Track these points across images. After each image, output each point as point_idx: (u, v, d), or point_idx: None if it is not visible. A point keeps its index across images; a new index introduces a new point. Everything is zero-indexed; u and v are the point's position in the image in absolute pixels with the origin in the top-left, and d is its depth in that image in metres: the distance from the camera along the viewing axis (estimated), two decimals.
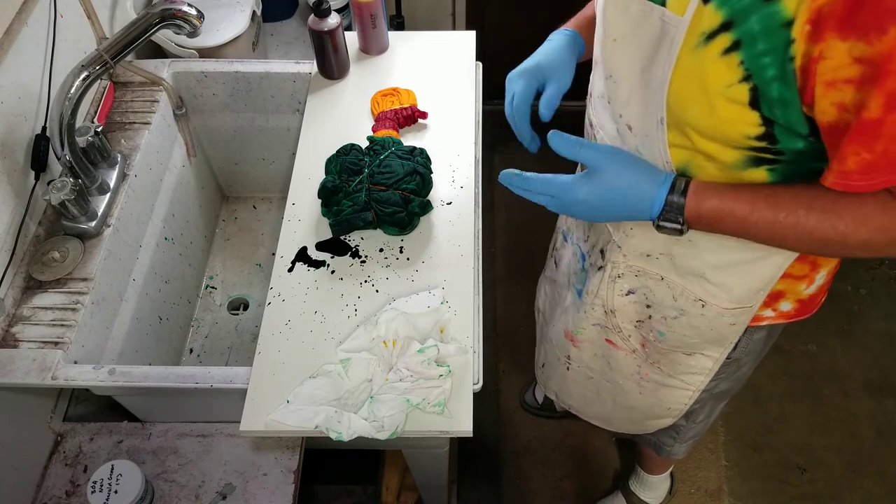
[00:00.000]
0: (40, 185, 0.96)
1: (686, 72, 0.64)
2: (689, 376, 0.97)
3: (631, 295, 0.91)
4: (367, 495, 1.21)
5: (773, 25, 0.56)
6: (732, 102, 0.62)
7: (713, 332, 0.88)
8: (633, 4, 0.67)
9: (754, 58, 0.59)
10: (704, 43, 0.61)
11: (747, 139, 0.65)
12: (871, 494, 1.64)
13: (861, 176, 0.59)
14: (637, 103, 0.72)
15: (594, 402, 1.16)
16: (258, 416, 0.80)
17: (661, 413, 1.08)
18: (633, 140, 0.75)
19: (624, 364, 1.02)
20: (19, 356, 0.86)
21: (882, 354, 1.84)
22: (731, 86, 0.61)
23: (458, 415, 0.80)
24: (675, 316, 0.88)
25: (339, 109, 1.10)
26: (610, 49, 0.74)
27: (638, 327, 0.95)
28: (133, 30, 0.92)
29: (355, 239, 0.96)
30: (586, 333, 1.02)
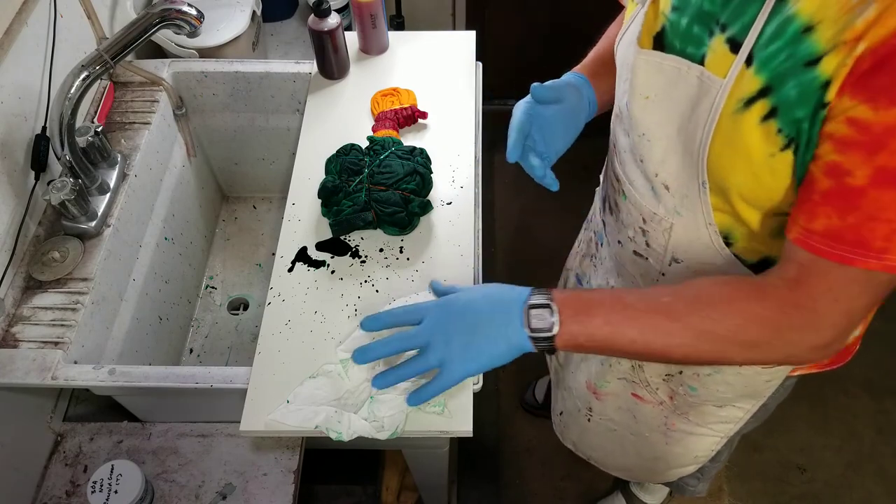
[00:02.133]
0: (40, 185, 0.96)
1: (726, 137, 0.60)
2: (719, 425, 0.94)
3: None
4: (367, 495, 1.21)
5: (810, 91, 0.54)
6: (774, 173, 0.59)
7: (748, 388, 0.85)
8: (668, 62, 0.64)
9: (793, 124, 0.56)
10: (743, 109, 0.58)
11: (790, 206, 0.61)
12: (871, 494, 1.64)
13: (823, 240, 0.55)
14: (674, 163, 0.68)
15: (617, 454, 1.12)
16: (258, 416, 0.80)
17: (687, 461, 1.05)
18: (671, 200, 0.71)
19: (650, 416, 0.98)
20: (19, 356, 0.86)
21: (882, 354, 1.84)
22: (774, 155, 0.58)
23: (458, 415, 0.80)
24: (709, 373, 0.84)
25: (339, 109, 1.10)
26: (641, 107, 0.70)
27: (667, 381, 0.91)
28: (133, 30, 0.92)
29: (355, 239, 0.96)
30: (611, 387, 0.99)
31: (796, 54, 0.54)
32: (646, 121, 0.70)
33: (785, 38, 0.55)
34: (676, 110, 0.65)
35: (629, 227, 0.81)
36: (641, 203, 0.76)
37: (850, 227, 0.54)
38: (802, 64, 0.54)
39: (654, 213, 0.74)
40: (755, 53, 0.57)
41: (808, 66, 0.53)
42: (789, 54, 0.54)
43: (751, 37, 0.57)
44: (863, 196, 0.52)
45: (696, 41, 0.62)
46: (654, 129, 0.69)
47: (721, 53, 0.59)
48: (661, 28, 0.65)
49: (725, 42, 0.59)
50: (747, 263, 0.71)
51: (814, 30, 0.53)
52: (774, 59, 0.55)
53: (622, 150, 0.77)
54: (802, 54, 0.54)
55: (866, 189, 0.52)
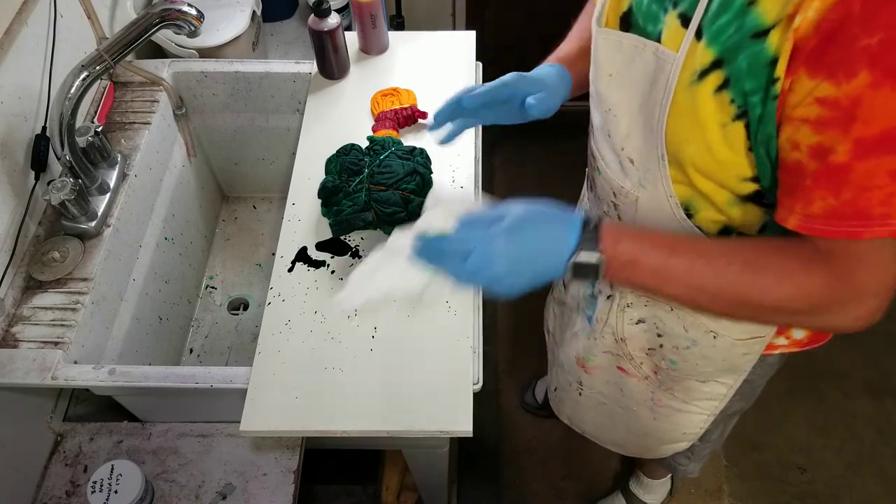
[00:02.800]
0: (40, 185, 0.96)
1: (682, 109, 0.62)
2: (704, 402, 0.96)
3: (641, 324, 0.90)
4: (367, 495, 1.21)
5: (759, 64, 0.55)
6: (728, 144, 0.60)
7: (725, 361, 0.86)
8: (626, 40, 0.67)
9: (744, 96, 0.57)
10: (698, 80, 0.60)
11: (740, 182, 0.64)
12: (871, 494, 1.64)
13: (825, 221, 0.56)
14: (637, 137, 0.71)
15: (608, 427, 1.14)
16: (258, 416, 0.80)
17: (677, 438, 1.07)
18: (635, 174, 0.74)
19: (637, 391, 1.00)
20: (19, 356, 0.86)
21: (882, 354, 1.84)
22: (726, 125, 0.59)
23: (458, 415, 0.80)
24: (687, 346, 0.87)
25: (339, 109, 1.10)
26: (606, 84, 0.72)
27: (650, 355, 0.93)
28: (133, 30, 0.92)
29: (355, 239, 0.96)
30: (597, 360, 1.01)
31: (743, 27, 0.55)
32: (611, 97, 0.72)
33: (732, 10, 0.56)
34: (637, 86, 0.67)
35: (604, 202, 0.84)
36: (611, 178, 0.78)
37: (846, 203, 0.54)
38: (749, 36, 0.55)
39: (622, 187, 0.77)
40: (704, 27, 0.58)
41: (756, 38, 0.55)
42: (737, 27, 0.56)
43: (698, 11, 0.58)
44: (849, 171, 0.53)
45: (653, 19, 0.64)
46: (619, 105, 0.71)
47: (674, 28, 0.62)
48: (628, 7, 0.68)
49: (677, 17, 0.61)
50: (708, 234, 0.73)
51: (757, 1, 0.54)
52: (724, 33, 0.57)
53: (596, 127, 0.80)
54: (749, 26, 0.55)
55: (851, 163, 0.53)
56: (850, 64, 0.50)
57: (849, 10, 0.49)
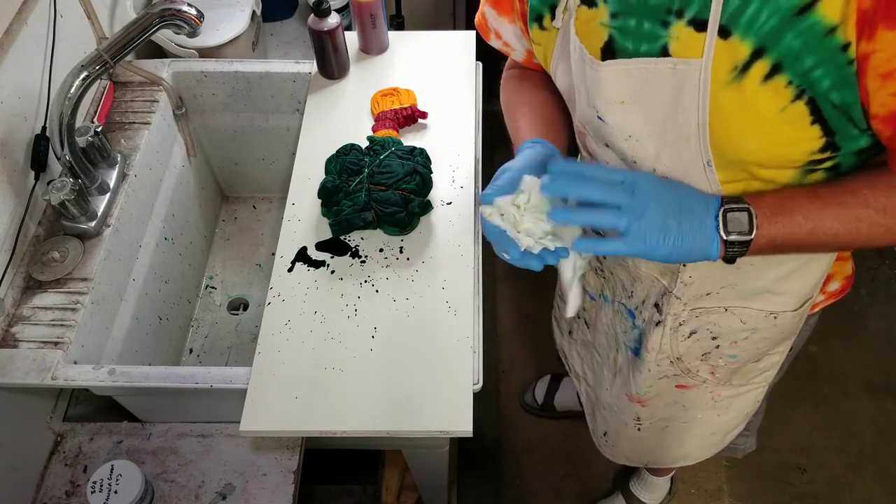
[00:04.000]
0: (40, 185, 0.96)
1: (727, 110, 0.61)
2: (759, 376, 0.97)
3: (694, 335, 0.89)
4: (367, 495, 1.21)
5: (816, 36, 0.54)
6: (790, 124, 0.59)
7: (784, 333, 0.88)
8: (632, 65, 0.65)
9: (803, 75, 0.56)
10: (739, 76, 0.58)
11: (811, 155, 0.62)
12: (871, 494, 1.64)
13: None
14: (670, 154, 0.68)
15: (674, 447, 1.13)
16: (258, 416, 0.80)
17: (739, 422, 1.07)
18: None
19: (697, 398, 0.99)
20: (19, 356, 0.86)
21: (882, 354, 1.84)
22: (785, 109, 0.58)
23: (458, 415, 0.80)
24: (746, 336, 0.87)
25: (339, 109, 1.10)
26: (618, 112, 0.69)
27: (705, 359, 0.92)
28: (133, 30, 0.92)
29: (355, 239, 0.96)
30: (654, 389, 0.99)
31: (780, 9, 0.54)
32: (630, 124, 0.70)
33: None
34: (656, 106, 0.66)
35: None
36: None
37: None
38: (792, 14, 0.54)
39: None
40: (730, 24, 0.57)
41: (801, 14, 0.54)
42: (772, 11, 0.55)
43: (715, 10, 0.57)
44: None
45: (649, 37, 0.63)
46: (640, 129, 0.69)
47: (686, 37, 0.60)
48: (609, 37, 0.66)
49: (688, 25, 0.60)
50: None
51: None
52: (756, 21, 0.56)
53: (607, 161, 0.77)
54: (786, 7, 0.54)
55: None
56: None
57: None
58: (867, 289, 1.94)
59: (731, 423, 1.06)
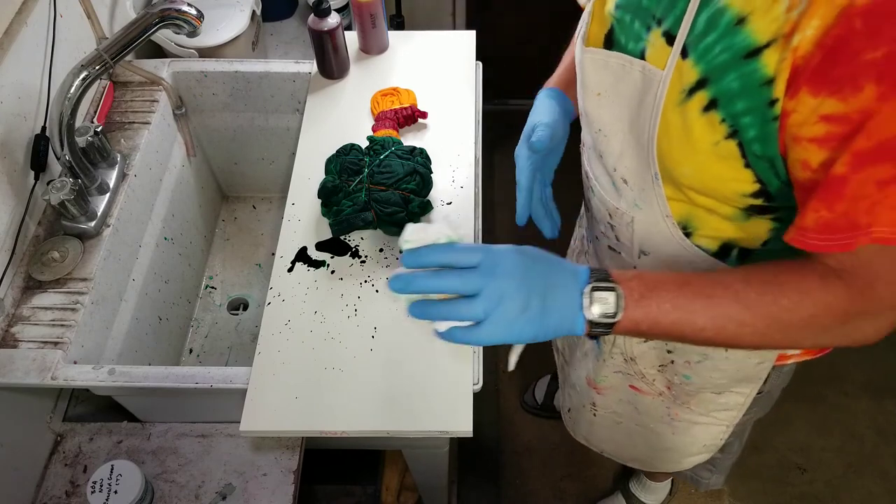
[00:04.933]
0: (40, 185, 0.96)
1: (672, 129, 0.61)
2: (722, 413, 0.94)
3: (650, 342, 0.89)
4: (367, 495, 1.21)
5: (753, 84, 0.54)
6: (723, 160, 0.59)
7: (739, 372, 0.85)
8: (612, 59, 0.66)
9: (734, 117, 0.56)
10: (686, 99, 0.59)
11: (743, 197, 0.62)
12: (871, 494, 1.64)
13: (818, 235, 0.55)
14: (630, 157, 0.69)
15: (627, 446, 1.13)
16: (258, 416, 0.80)
17: (698, 450, 1.05)
18: (630, 194, 0.72)
19: (652, 407, 0.99)
20: (19, 356, 0.86)
21: (882, 354, 1.84)
22: (719, 143, 0.58)
23: (458, 415, 0.80)
24: (699, 360, 0.85)
25: (339, 109, 1.10)
26: (595, 104, 0.71)
27: (662, 371, 0.92)
28: (133, 30, 0.92)
29: (355, 239, 0.96)
30: (609, 381, 1.00)
31: (733, 46, 0.54)
32: (601, 117, 0.71)
33: (719, 30, 0.55)
34: (626, 105, 0.66)
35: (600, 223, 0.83)
36: (606, 198, 0.77)
37: (840, 216, 0.54)
38: (741, 56, 0.54)
39: (617, 208, 0.76)
40: (690, 45, 0.58)
41: (748, 58, 0.54)
42: (725, 46, 0.55)
43: (683, 28, 0.58)
44: (846, 183, 0.52)
45: (636, 37, 0.64)
46: (609, 125, 0.70)
47: (659, 47, 0.61)
48: (611, 27, 0.67)
49: (662, 35, 0.60)
50: (709, 252, 0.71)
51: (746, 21, 0.53)
52: (710, 52, 0.56)
53: (587, 147, 0.80)
54: (739, 46, 0.54)
55: (848, 175, 0.52)
56: (855, 78, 0.49)
57: (850, 26, 0.48)
58: None
59: (688, 447, 1.04)
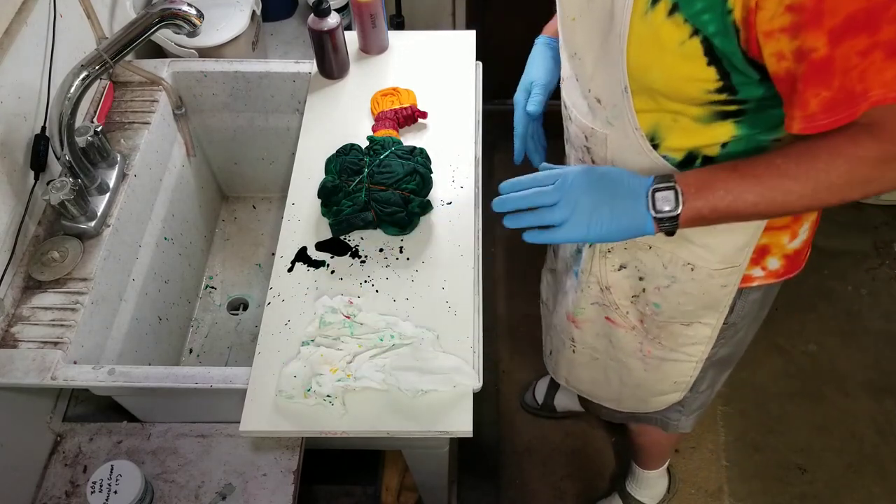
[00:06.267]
0: (40, 185, 0.96)
1: (640, 38, 0.66)
2: (691, 347, 0.99)
3: (623, 269, 0.93)
4: (367, 495, 1.21)
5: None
6: (688, 59, 0.65)
7: (706, 296, 0.89)
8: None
9: (695, 16, 0.62)
10: (651, 7, 0.64)
11: (708, 94, 0.68)
12: (871, 494, 1.64)
13: (825, 114, 0.61)
14: (602, 76, 0.75)
15: (602, 383, 1.17)
16: (258, 416, 0.80)
17: (668, 388, 1.09)
18: (603, 113, 0.78)
19: (625, 341, 1.03)
20: (19, 356, 0.86)
21: (882, 354, 1.84)
22: (684, 42, 0.64)
23: (458, 415, 0.80)
24: (668, 284, 0.90)
25: (338, 109, 1.10)
26: (570, 28, 0.77)
27: (634, 302, 0.96)
28: (133, 29, 0.92)
29: (355, 239, 0.96)
30: (586, 313, 1.04)
31: None
32: (575, 40, 0.77)
33: None
34: (597, 25, 0.71)
35: (578, 149, 0.88)
36: (582, 121, 0.82)
37: (838, 90, 0.59)
38: None
39: (592, 129, 0.81)
40: None
41: None
42: None
43: None
44: (832, 61, 0.58)
45: None
46: (583, 47, 0.76)
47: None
48: None
49: None
50: (674, 162, 0.78)
51: None
52: None
53: (566, 78, 0.85)
54: None
55: (832, 54, 0.57)
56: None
57: None
58: (867, 289, 1.94)
59: (658, 384, 1.08)
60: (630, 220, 0.71)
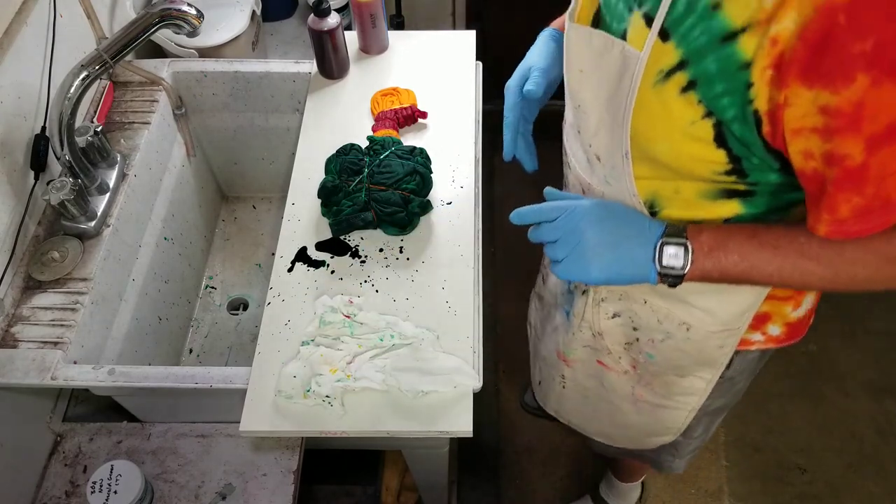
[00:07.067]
0: (40, 185, 0.96)
1: (648, 108, 0.63)
2: (684, 397, 0.96)
3: (617, 318, 0.90)
4: (366, 495, 1.21)
5: (731, 67, 0.55)
6: (697, 140, 0.61)
7: (701, 354, 0.86)
8: (595, 37, 0.67)
9: (713, 99, 0.58)
10: (664, 80, 0.60)
11: (716, 174, 0.64)
12: (871, 494, 1.64)
13: (856, 221, 0.57)
14: (605, 134, 0.71)
15: (593, 419, 1.15)
16: (258, 416, 0.80)
17: (660, 431, 1.07)
18: (601, 170, 0.75)
19: (617, 385, 1.00)
20: (19, 356, 0.86)
21: (882, 354, 1.84)
22: (695, 123, 0.60)
23: (458, 415, 0.80)
24: (663, 339, 0.86)
25: (338, 109, 1.10)
26: (577, 79, 0.73)
27: (627, 349, 0.93)
28: (133, 29, 0.92)
29: (355, 239, 0.96)
30: (577, 354, 1.01)
31: (710, 30, 0.56)
32: (581, 93, 0.73)
33: (697, 13, 0.56)
34: (605, 83, 0.68)
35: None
36: (580, 174, 0.80)
37: (872, 198, 0.56)
38: (718, 40, 0.55)
39: (590, 184, 0.78)
40: (671, 28, 0.59)
41: (725, 41, 0.55)
42: (703, 30, 0.56)
43: (661, 11, 0.59)
44: (867, 168, 0.54)
45: (619, 17, 0.65)
46: (588, 101, 0.72)
47: (639, 28, 0.62)
48: (599, 6, 0.69)
49: (642, 17, 0.62)
50: None
51: (721, 5, 0.55)
52: (690, 34, 0.57)
53: (568, 123, 0.82)
54: (716, 30, 0.55)
55: (867, 161, 0.54)
56: (846, 70, 0.50)
57: (833, 19, 0.48)
58: None
59: (649, 427, 1.06)
60: (633, 270, 0.68)
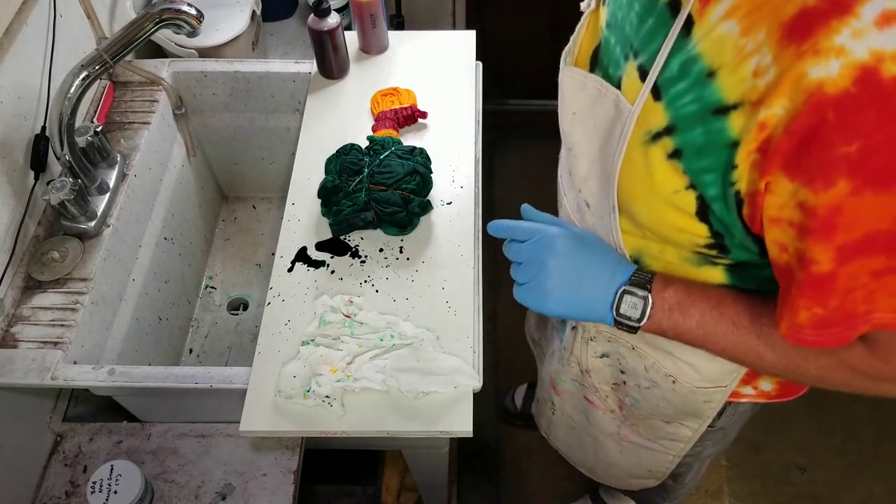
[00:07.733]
0: (40, 185, 0.96)
1: (634, 167, 0.60)
2: (670, 442, 0.94)
3: (605, 358, 0.88)
4: (366, 495, 1.21)
5: (718, 143, 0.52)
6: (679, 210, 0.58)
7: (686, 406, 0.84)
8: (590, 82, 0.64)
9: (697, 172, 0.54)
10: (651, 142, 0.57)
11: (697, 246, 0.62)
12: (871, 494, 1.64)
13: (813, 331, 0.54)
14: (594, 182, 0.68)
15: (577, 451, 1.14)
16: (258, 416, 0.80)
17: (643, 474, 1.05)
18: (590, 218, 0.72)
19: (603, 422, 0.99)
20: (19, 356, 0.86)
21: None
22: (678, 192, 0.57)
23: (458, 415, 0.80)
24: (648, 386, 0.84)
25: (338, 109, 1.10)
26: (569, 122, 0.70)
27: (615, 390, 0.91)
28: (133, 29, 0.92)
29: (355, 239, 0.96)
30: (566, 386, 1.00)
31: (703, 98, 0.52)
32: (573, 136, 0.70)
33: (691, 78, 0.53)
34: (598, 130, 0.64)
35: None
36: (571, 216, 0.78)
37: (834, 311, 0.52)
38: (710, 111, 0.52)
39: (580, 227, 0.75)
40: (664, 88, 0.55)
41: (716, 114, 0.51)
42: (696, 97, 0.53)
43: (655, 68, 0.55)
44: (834, 278, 0.50)
45: (616, 63, 0.62)
46: (580, 146, 0.69)
47: (633, 80, 0.58)
48: (599, 43, 0.65)
49: (637, 69, 0.58)
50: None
51: (716, 75, 0.51)
52: (681, 99, 0.54)
53: (562, 159, 0.80)
54: (709, 100, 0.52)
55: (835, 271, 0.50)
56: (828, 172, 0.46)
57: (823, 116, 0.45)
58: None
59: (633, 468, 1.04)
60: (589, 311, 0.66)
